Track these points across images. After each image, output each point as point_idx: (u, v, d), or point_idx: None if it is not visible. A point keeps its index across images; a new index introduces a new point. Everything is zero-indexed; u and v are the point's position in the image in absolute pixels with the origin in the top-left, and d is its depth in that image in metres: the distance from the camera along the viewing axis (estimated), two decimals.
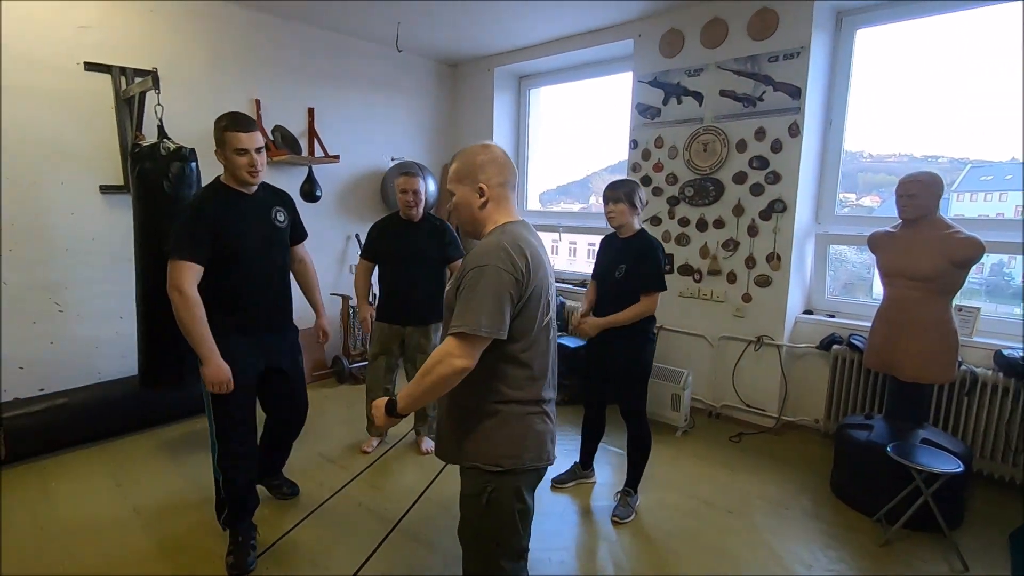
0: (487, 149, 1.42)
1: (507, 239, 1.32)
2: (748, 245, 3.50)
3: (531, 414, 1.40)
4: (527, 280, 1.31)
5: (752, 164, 3.43)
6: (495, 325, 1.26)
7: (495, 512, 1.38)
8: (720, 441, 3.39)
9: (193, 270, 1.88)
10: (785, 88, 3.27)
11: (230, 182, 2.03)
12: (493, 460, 1.36)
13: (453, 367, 1.26)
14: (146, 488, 2.69)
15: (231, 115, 1.98)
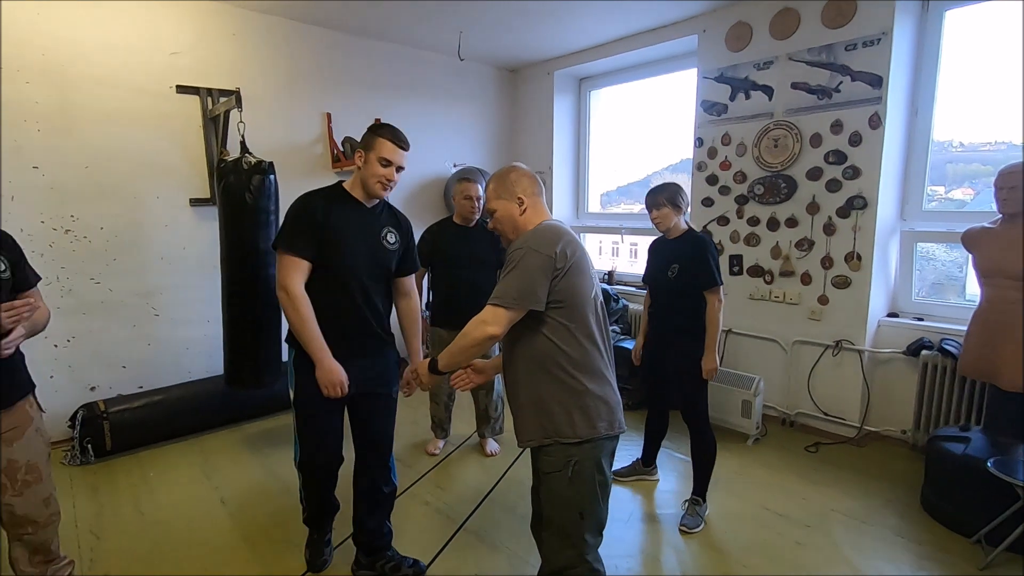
0: (516, 169, 1.63)
1: (542, 229, 1.51)
2: (824, 244, 3.32)
3: (598, 385, 1.50)
4: (562, 256, 1.45)
5: (828, 159, 3.25)
6: (524, 298, 1.42)
7: (579, 484, 1.47)
8: (795, 451, 3.22)
9: (298, 266, 1.80)
10: (864, 77, 3.08)
11: (354, 190, 1.92)
12: (571, 432, 1.46)
13: (485, 332, 1.44)
14: (231, 479, 2.88)
15: (393, 128, 1.91)
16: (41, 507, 1.77)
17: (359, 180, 1.91)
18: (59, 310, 3.16)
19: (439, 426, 3.23)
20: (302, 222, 1.82)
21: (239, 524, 2.48)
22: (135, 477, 2.90)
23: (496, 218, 1.61)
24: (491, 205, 1.61)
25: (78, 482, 2.83)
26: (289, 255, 1.80)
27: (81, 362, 3.27)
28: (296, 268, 1.80)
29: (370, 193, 1.90)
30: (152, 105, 3.37)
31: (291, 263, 1.80)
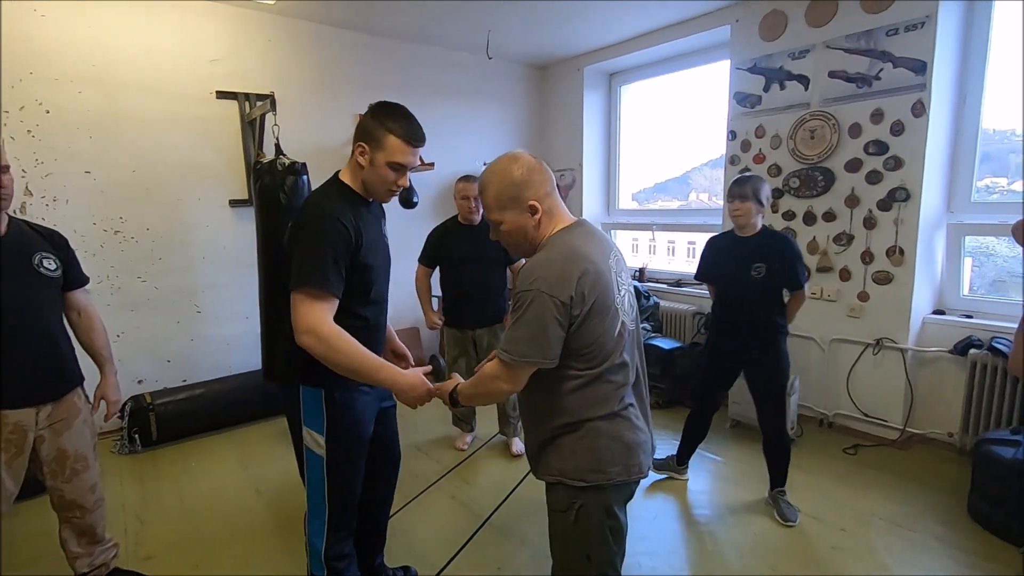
0: (519, 160, 1.29)
1: (556, 254, 1.23)
2: (864, 239, 3.19)
3: (618, 425, 1.31)
4: (579, 299, 1.20)
5: (868, 149, 3.12)
6: (536, 354, 1.21)
7: (584, 528, 1.32)
8: (832, 453, 3.11)
9: (331, 306, 1.42)
10: (907, 63, 2.94)
11: (355, 185, 1.54)
12: (578, 475, 1.29)
13: (500, 389, 1.28)
14: (266, 471, 2.98)
15: (406, 117, 1.48)
16: (88, 493, 1.87)
17: (359, 179, 1.53)
18: (109, 307, 3.34)
19: (464, 421, 3.26)
20: (338, 251, 1.42)
21: (273, 514, 2.57)
22: (178, 466, 3.03)
23: (503, 232, 1.31)
24: (493, 216, 1.30)
25: (126, 470, 2.98)
26: (323, 292, 1.38)
27: (129, 356, 3.44)
28: (329, 307, 1.41)
29: (377, 199, 1.59)
30: (193, 110, 3.51)
31: (323, 301, 1.39)
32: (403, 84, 4.34)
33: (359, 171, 1.51)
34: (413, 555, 2.23)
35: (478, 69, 4.75)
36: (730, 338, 2.52)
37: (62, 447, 1.77)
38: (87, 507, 1.87)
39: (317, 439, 1.55)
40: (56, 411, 1.74)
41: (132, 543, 2.34)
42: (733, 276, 2.47)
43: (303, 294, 1.38)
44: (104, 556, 1.98)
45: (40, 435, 1.71)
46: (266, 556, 2.25)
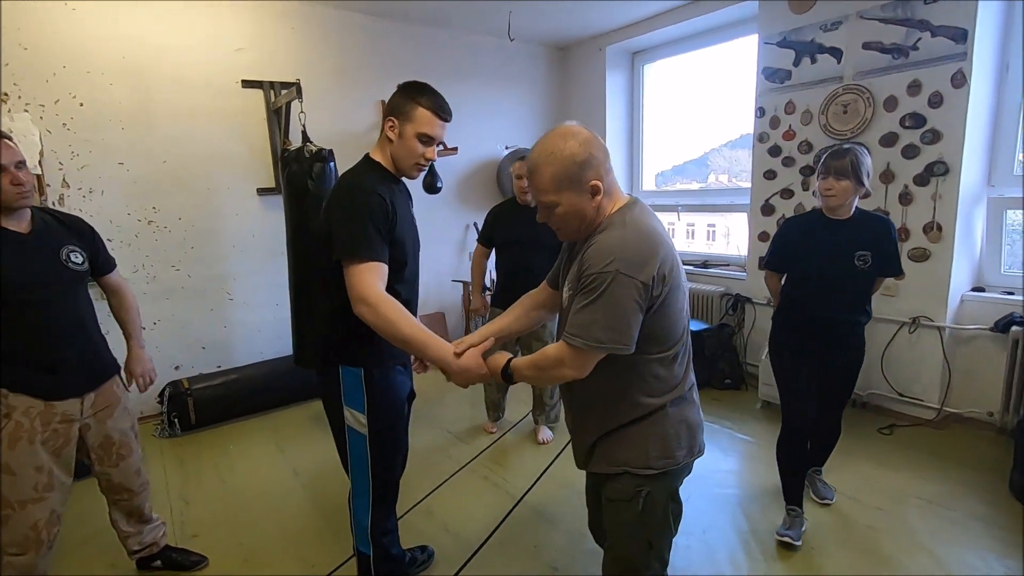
0: (577, 136, 1.17)
1: (631, 233, 1.15)
2: (899, 215, 3.11)
3: (685, 408, 1.30)
4: (662, 280, 1.15)
5: (904, 123, 3.03)
6: (615, 340, 1.13)
7: (649, 515, 1.29)
8: (867, 433, 3.07)
9: (381, 273, 1.42)
10: (947, 32, 2.84)
11: (385, 162, 1.56)
12: (646, 463, 1.26)
13: (562, 376, 1.21)
14: (303, 453, 3.04)
15: (435, 92, 1.52)
16: (134, 477, 1.94)
17: (388, 154, 1.54)
18: (145, 295, 3.42)
19: (494, 407, 3.25)
20: (377, 221, 1.43)
21: (312, 494, 2.63)
22: (216, 449, 3.12)
23: (557, 215, 1.21)
24: (547, 199, 1.20)
25: (167, 453, 3.08)
26: (372, 262, 1.40)
27: (166, 343, 3.53)
28: (379, 275, 1.41)
29: (404, 175, 1.58)
30: (220, 100, 3.55)
31: (373, 270, 1.39)
32: (425, 69, 4.32)
33: (388, 146, 1.53)
34: (448, 534, 2.28)
35: (499, 52, 4.71)
36: (816, 339, 2.16)
37: (107, 433, 1.83)
38: (134, 490, 1.94)
39: (359, 417, 1.57)
40: (98, 399, 1.79)
41: (178, 522, 2.42)
42: (829, 266, 2.09)
43: (353, 266, 1.39)
44: (153, 534, 2.05)
45: (86, 423, 1.76)
46: (310, 534, 2.31)
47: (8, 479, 1.60)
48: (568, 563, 2.09)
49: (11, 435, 1.59)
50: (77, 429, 1.74)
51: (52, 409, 1.66)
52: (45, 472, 1.66)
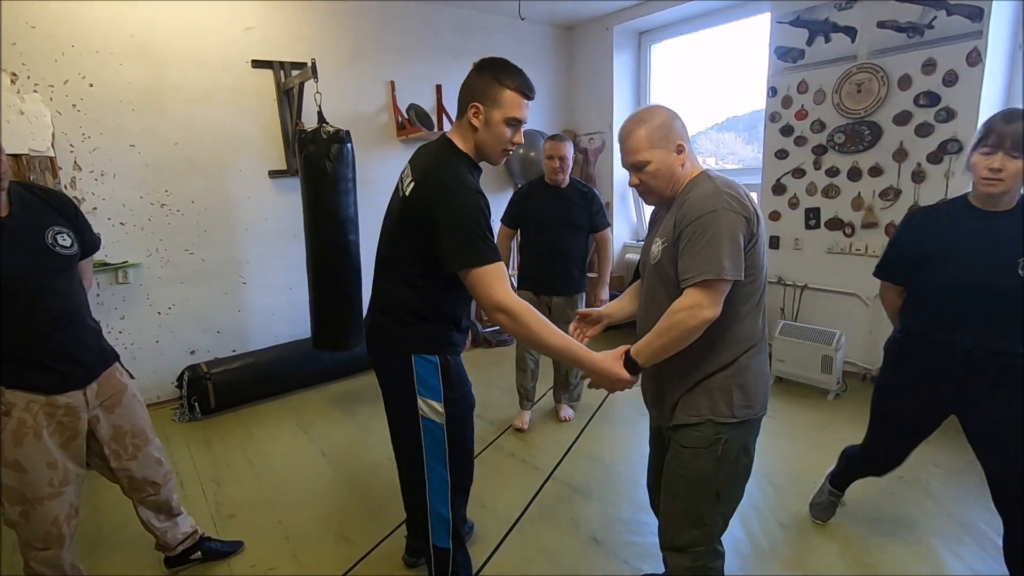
0: (662, 108, 1.36)
1: (721, 183, 1.28)
2: (912, 193, 3.17)
3: (760, 359, 1.37)
4: (756, 217, 1.28)
5: (918, 102, 3.07)
6: (737, 267, 1.22)
7: (724, 465, 1.34)
8: None
9: (504, 273, 1.39)
10: (962, 10, 2.87)
11: (468, 150, 1.49)
12: (730, 412, 1.32)
13: (701, 318, 1.21)
14: (327, 434, 3.06)
15: (518, 70, 1.46)
16: (156, 467, 1.84)
17: (471, 142, 1.47)
18: (160, 280, 3.40)
19: (525, 396, 3.07)
20: (488, 220, 1.40)
21: (342, 473, 2.66)
22: (239, 432, 3.12)
23: (648, 172, 1.32)
24: (640, 157, 1.31)
25: (191, 437, 3.07)
26: (496, 264, 1.36)
27: (181, 328, 3.51)
28: (505, 277, 1.38)
29: (489, 162, 1.53)
30: (230, 81, 3.49)
31: (500, 274, 1.36)
32: (432, 48, 4.28)
33: (472, 133, 1.46)
34: (485, 508, 2.31)
35: (505, 31, 4.67)
36: (958, 380, 1.61)
37: (117, 423, 1.74)
38: (159, 481, 1.85)
39: (435, 407, 1.52)
40: (102, 389, 1.69)
41: (212, 503, 2.43)
42: (983, 275, 1.50)
43: (479, 271, 1.34)
44: (187, 525, 1.99)
45: (94, 415, 1.67)
46: (347, 513, 2.34)
47: (21, 476, 1.54)
48: (607, 533, 2.14)
49: (15, 432, 1.52)
50: (86, 422, 1.65)
51: (54, 403, 1.57)
52: (59, 468, 1.60)
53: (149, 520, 1.90)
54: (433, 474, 1.56)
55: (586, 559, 2.02)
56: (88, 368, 1.64)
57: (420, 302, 1.48)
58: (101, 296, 3.21)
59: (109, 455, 1.74)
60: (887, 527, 2.13)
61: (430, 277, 1.45)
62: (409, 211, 1.44)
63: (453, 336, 1.55)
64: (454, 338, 1.56)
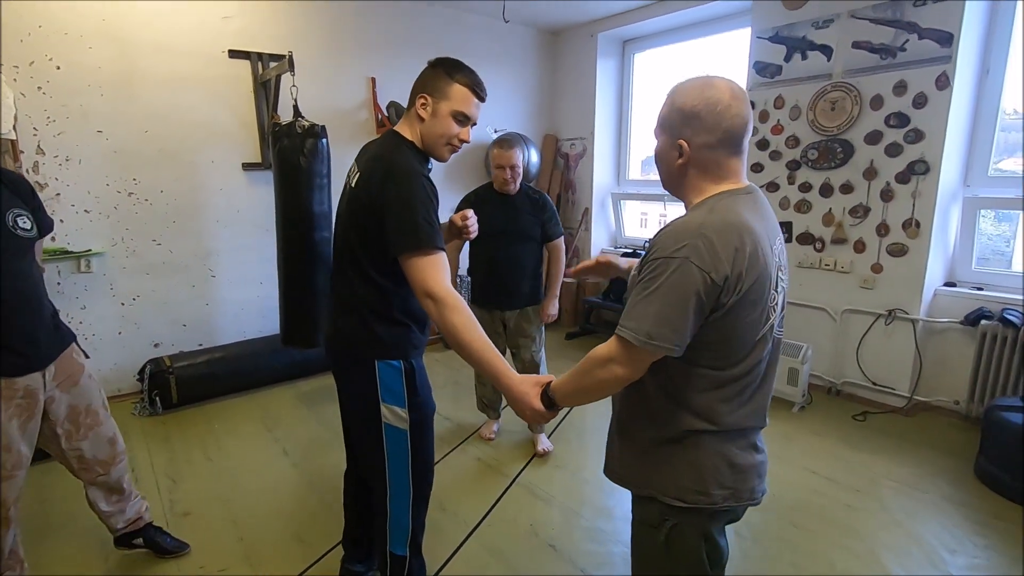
0: (711, 87, 1.02)
1: (715, 221, 0.98)
2: (880, 211, 3.23)
3: (732, 445, 1.09)
4: (731, 283, 0.96)
5: (889, 122, 3.13)
6: (665, 338, 0.96)
7: (676, 552, 1.12)
8: (841, 419, 3.21)
9: (446, 264, 1.34)
10: (933, 35, 2.94)
11: (416, 141, 1.46)
12: (676, 494, 1.09)
13: (613, 374, 1.03)
14: (290, 432, 3.01)
15: (471, 70, 1.44)
16: (107, 447, 1.83)
17: (418, 133, 1.45)
18: (124, 270, 3.31)
19: (490, 407, 2.98)
20: (434, 208, 1.36)
21: (304, 472, 2.62)
22: (201, 428, 3.06)
23: (655, 151, 1.14)
24: (655, 130, 1.13)
25: (150, 432, 3.00)
26: (437, 253, 1.32)
27: (145, 320, 3.43)
28: (444, 267, 1.33)
29: (434, 156, 1.49)
30: (205, 69, 3.42)
31: (438, 263, 1.32)
32: (416, 46, 4.25)
33: (418, 124, 1.43)
34: (445, 512, 2.29)
35: (490, 32, 4.66)
36: None
37: (73, 403, 1.74)
38: (108, 461, 1.84)
39: (399, 413, 1.47)
40: (59, 370, 1.69)
41: (167, 500, 2.37)
42: None
43: (417, 257, 1.30)
44: (136, 508, 1.96)
45: (50, 395, 1.67)
46: (304, 513, 2.30)
47: None
48: (566, 540, 2.14)
49: None
50: (42, 403, 1.64)
51: (13, 385, 1.56)
52: (13, 451, 1.58)
53: (96, 501, 1.88)
54: (394, 482, 1.51)
55: (542, 565, 2.01)
56: (48, 349, 1.65)
57: (378, 299, 1.43)
58: (62, 284, 3.12)
59: (61, 435, 1.73)
60: (839, 539, 2.15)
61: (384, 270, 1.41)
62: (356, 201, 1.41)
63: (415, 337, 1.51)
64: (416, 339, 1.52)
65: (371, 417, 1.47)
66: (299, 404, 3.39)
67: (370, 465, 1.55)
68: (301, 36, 3.73)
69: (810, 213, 3.54)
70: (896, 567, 1.99)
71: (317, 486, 2.50)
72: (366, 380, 1.45)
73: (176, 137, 3.38)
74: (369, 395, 1.46)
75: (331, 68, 3.91)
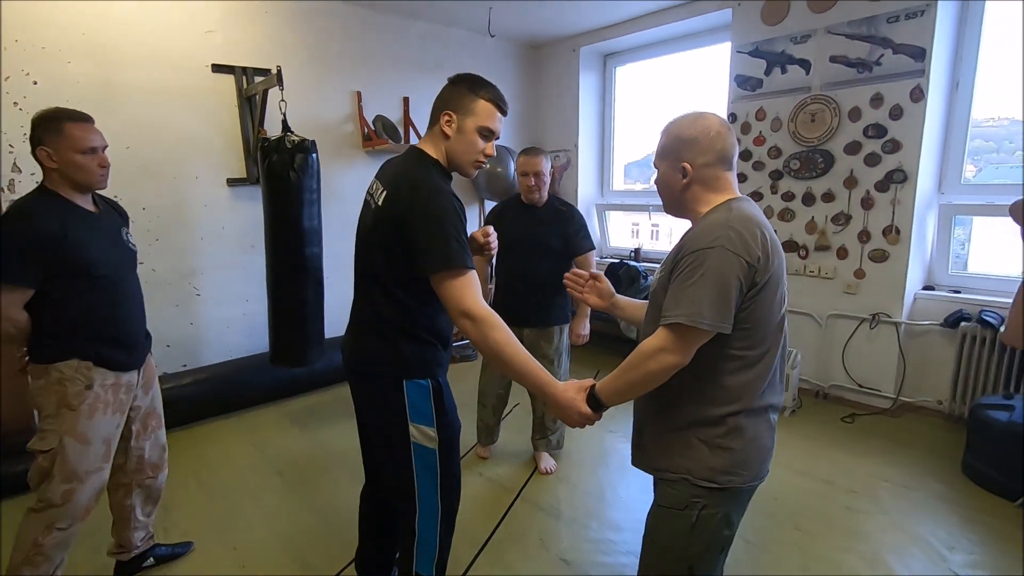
0: (702, 120, 1.20)
1: (735, 217, 1.13)
2: (861, 218, 3.34)
3: (755, 422, 1.19)
4: (763, 264, 1.10)
5: (867, 133, 3.25)
6: (718, 317, 1.07)
7: (699, 534, 1.19)
8: (831, 422, 3.29)
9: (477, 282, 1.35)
10: (907, 50, 3.07)
11: (440, 159, 1.45)
12: (709, 476, 1.17)
13: (664, 363, 1.11)
14: (284, 453, 2.94)
15: (493, 84, 1.46)
16: (160, 451, 2.00)
17: (443, 151, 1.44)
18: None
19: (487, 432, 2.86)
20: (461, 227, 1.35)
21: (301, 495, 2.55)
22: (190, 452, 2.96)
23: (656, 179, 1.28)
24: (655, 162, 1.28)
25: None
26: (470, 272, 1.32)
27: None
28: (477, 285, 1.33)
29: (460, 173, 1.49)
30: (188, 84, 3.36)
31: (472, 282, 1.32)
32: (399, 60, 4.25)
33: (443, 141, 1.43)
34: None
35: (473, 47, 4.69)
36: None
37: (148, 405, 1.92)
38: (159, 465, 2.00)
39: (427, 432, 1.46)
40: (146, 371, 1.90)
41: (160, 528, 2.27)
42: None
43: (451, 278, 1.29)
44: (151, 526, 2.05)
45: (136, 394, 1.85)
46: (306, 536, 2.24)
47: (83, 450, 1.67)
48: (576, 554, 2.13)
49: (91, 406, 1.67)
50: (131, 400, 1.82)
51: (119, 381, 1.74)
52: (108, 445, 1.75)
53: (134, 508, 1.95)
54: (423, 502, 1.49)
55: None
56: (142, 351, 1.86)
57: (403, 318, 1.41)
58: None
59: (134, 433, 1.88)
60: (843, 541, 2.20)
61: (410, 289, 1.39)
62: (383, 220, 1.39)
63: (440, 355, 1.50)
64: (441, 357, 1.50)
65: (400, 437, 1.45)
66: (290, 424, 3.31)
67: (396, 486, 1.52)
68: (285, 50, 3.69)
69: (793, 221, 3.63)
70: (900, 567, 2.04)
71: (317, 508, 2.44)
72: (394, 400, 1.43)
73: (158, 153, 3.30)
74: (397, 415, 1.44)
75: (316, 82, 3.87)
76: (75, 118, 1.67)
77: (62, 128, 1.62)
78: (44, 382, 1.64)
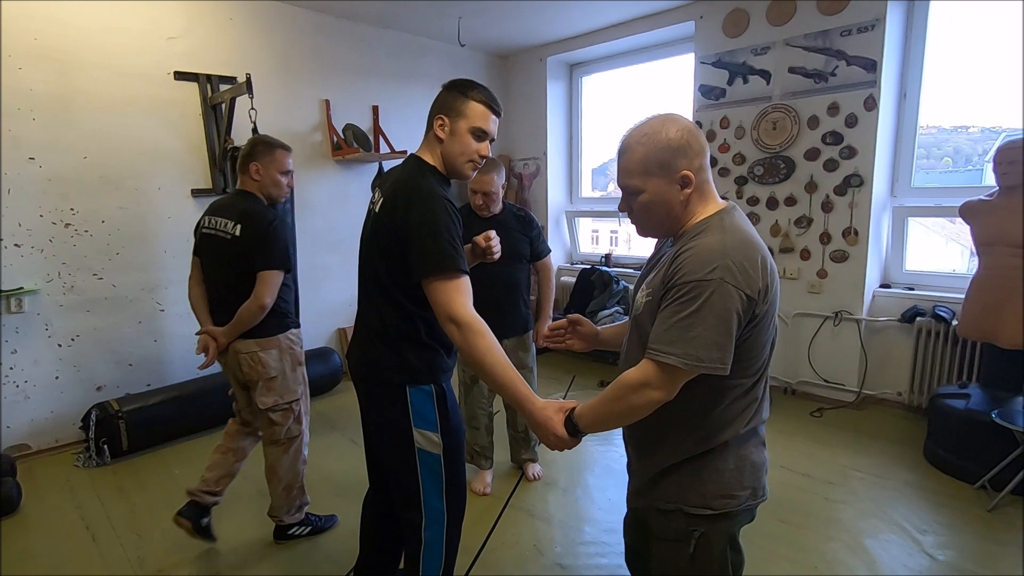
0: (676, 121, 1.07)
1: (732, 241, 1.02)
2: (822, 221, 3.51)
3: (750, 444, 1.14)
4: (763, 295, 1.01)
5: (825, 140, 3.42)
6: (715, 359, 0.99)
7: (703, 563, 1.13)
8: (801, 417, 3.42)
9: (469, 288, 1.32)
10: (859, 62, 3.25)
11: (436, 163, 1.45)
12: (702, 503, 1.11)
13: (648, 399, 1.03)
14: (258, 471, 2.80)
15: (483, 86, 1.45)
16: None
17: (438, 155, 1.44)
18: (62, 308, 3.04)
19: (482, 455, 2.68)
20: (455, 232, 1.33)
21: None
22: (160, 474, 2.82)
23: (639, 203, 1.10)
24: (632, 182, 1.09)
25: (100, 484, 2.73)
26: (462, 277, 1.30)
27: (87, 361, 3.14)
28: (467, 291, 1.31)
29: (457, 175, 1.47)
30: (150, 92, 3.23)
31: (462, 287, 1.30)
32: (368, 69, 4.21)
33: (438, 145, 1.43)
34: None
35: (442, 56, 4.69)
36: None
37: None
38: None
39: (431, 438, 1.45)
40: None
41: (134, 558, 2.16)
42: None
43: (441, 282, 1.28)
44: None
45: None
46: (297, 552, 2.17)
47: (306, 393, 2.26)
48: (572, 558, 2.14)
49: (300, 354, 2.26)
50: None
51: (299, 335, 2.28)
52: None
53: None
54: (429, 507, 1.48)
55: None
56: None
57: (406, 324, 1.41)
58: None
59: None
60: (826, 530, 2.28)
61: (412, 295, 1.38)
62: (382, 227, 1.39)
63: (444, 361, 1.49)
64: (445, 363, 1.49)
65: (404, 444, 1.45)
66: None
67: (403, 493, 1.50)
68: (251, 58, 3.60)
69: (758, 225, 3.77)
70: (881, 552, 2.13)
71: None
72: (398, 407, 1.43)
73: (119, 163, 3.16)
74: (401, 422, 1.44)
75: (283, 90, 3.79)
76: (284, 147, 2.15)
77: (274, 153, 2.10)
78: (277, 349, 2.11)
